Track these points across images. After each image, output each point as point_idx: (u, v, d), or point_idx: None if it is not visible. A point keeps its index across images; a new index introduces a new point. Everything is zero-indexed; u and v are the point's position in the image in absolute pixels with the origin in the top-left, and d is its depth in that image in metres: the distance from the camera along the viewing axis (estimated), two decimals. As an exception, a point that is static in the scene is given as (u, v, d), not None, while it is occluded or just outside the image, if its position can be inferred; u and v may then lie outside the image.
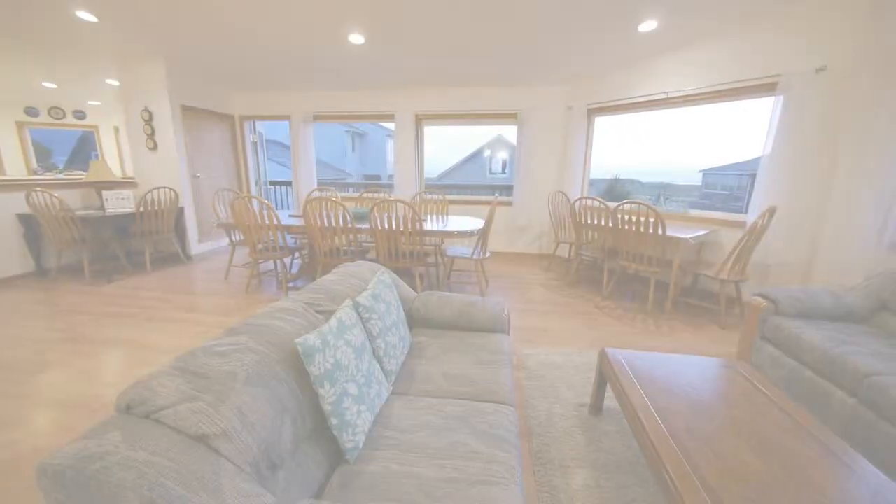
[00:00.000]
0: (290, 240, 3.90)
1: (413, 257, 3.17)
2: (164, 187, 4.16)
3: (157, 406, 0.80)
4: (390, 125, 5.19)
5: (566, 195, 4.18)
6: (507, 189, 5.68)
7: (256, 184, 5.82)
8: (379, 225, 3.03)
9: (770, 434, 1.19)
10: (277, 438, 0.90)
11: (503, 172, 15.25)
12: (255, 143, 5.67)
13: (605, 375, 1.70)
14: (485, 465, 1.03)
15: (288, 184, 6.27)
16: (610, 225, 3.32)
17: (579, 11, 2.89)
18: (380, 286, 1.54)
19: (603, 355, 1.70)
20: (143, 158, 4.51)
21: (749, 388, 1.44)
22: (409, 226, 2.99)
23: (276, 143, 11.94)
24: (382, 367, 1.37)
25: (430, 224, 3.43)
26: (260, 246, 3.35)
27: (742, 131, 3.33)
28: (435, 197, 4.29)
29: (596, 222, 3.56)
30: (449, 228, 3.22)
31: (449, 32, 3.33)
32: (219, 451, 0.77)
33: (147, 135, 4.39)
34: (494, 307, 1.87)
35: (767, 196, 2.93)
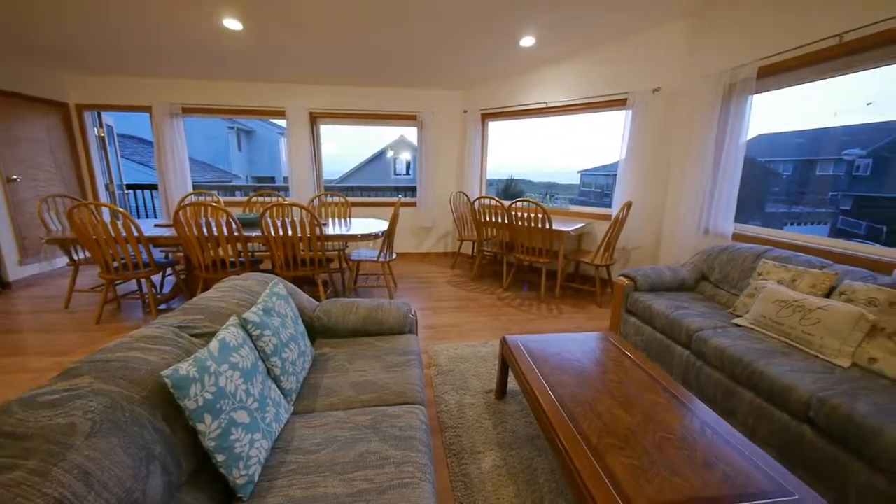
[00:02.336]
0: (158, 254, 3.31)
1: (314, 264, 2.97)
2: (-42, 194, 3.13)
3: (-57, 490, 0.59)
4: (282, 122, 4.77)
5: (466, 195, 4.40)
6: (412, 190, 5.72)
7: (107, 188, 4.77)
8: (273, 232, 2.77)
9: (634, 390, 1.43)
10: (142, 494, 0.75)
11: (407, 174, 15.31)
12: (101, 139, 4.64)
13: (506, 361, 1.83)
14: (396, 469, 1.02)
15: (153, 188, 5.28)
16: (506, 222, 3.61)
17: (467, 25, 3.06)
18: (272, 299, 1.40)
19: (503, 342, 1.84)
20: (-84, 155, 3.31)
21: (618, 355, 1.71)
22: (308, 231, 2.79)
23: (135, 138, 9.97)
24: (280, 387, 1.25)
25: (332, 228, 3.26)
26: (115, 264, 2.76)
27: (608, 138, 3.95)
28: (336, 199, 4.10)
29: (494, 220, 3.82)
30: (352, 232, 3.10)
31: (338, 31, 3.20)
32: (51, 529, 0.61)
33: (-79, 123, 3.23)
34: (401, 308, 1.87)
35: (625, 193, 3.53)
